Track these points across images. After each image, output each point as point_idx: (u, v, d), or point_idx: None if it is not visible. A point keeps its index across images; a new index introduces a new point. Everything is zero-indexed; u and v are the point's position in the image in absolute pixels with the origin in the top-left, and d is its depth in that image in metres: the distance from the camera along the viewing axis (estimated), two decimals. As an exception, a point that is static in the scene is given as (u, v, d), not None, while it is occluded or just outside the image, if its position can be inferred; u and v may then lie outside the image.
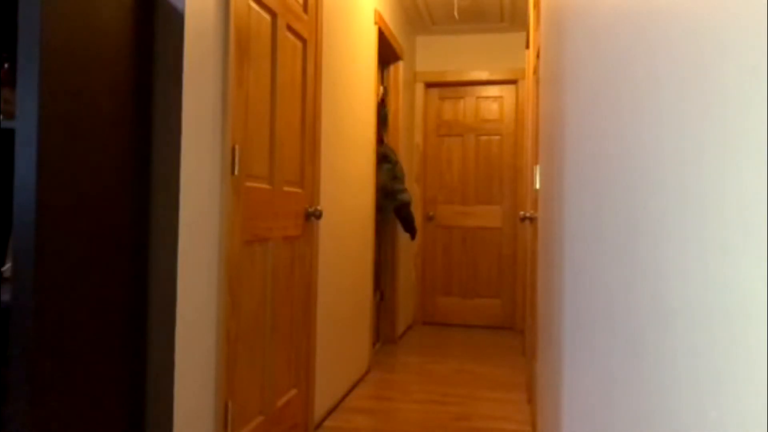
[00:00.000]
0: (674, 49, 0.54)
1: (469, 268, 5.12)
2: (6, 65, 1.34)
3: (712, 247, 0.44)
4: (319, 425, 2.70)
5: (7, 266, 1.41)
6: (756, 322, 0.36)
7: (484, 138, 5.14)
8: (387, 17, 4.06)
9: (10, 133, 1.31)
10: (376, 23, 3.70)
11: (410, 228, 4.30)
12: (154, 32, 1.54)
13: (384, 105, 4.38)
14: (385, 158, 4.19)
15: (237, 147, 1.83)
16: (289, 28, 2.25)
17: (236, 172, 1.83)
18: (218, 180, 1.75)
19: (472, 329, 5.02)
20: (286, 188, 2.26)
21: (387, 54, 4.28)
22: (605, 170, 0.88)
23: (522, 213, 3.10)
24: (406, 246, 4.85)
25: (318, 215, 2.48)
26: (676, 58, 0.54)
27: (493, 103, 5.13)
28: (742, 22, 0.39)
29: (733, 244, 0.40)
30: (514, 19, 4.76)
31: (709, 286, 0.44)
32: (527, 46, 3.67)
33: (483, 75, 5.05)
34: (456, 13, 4.56)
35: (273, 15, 2.10)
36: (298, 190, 2.39)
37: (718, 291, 0.43)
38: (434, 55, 5.16)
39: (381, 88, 4.36)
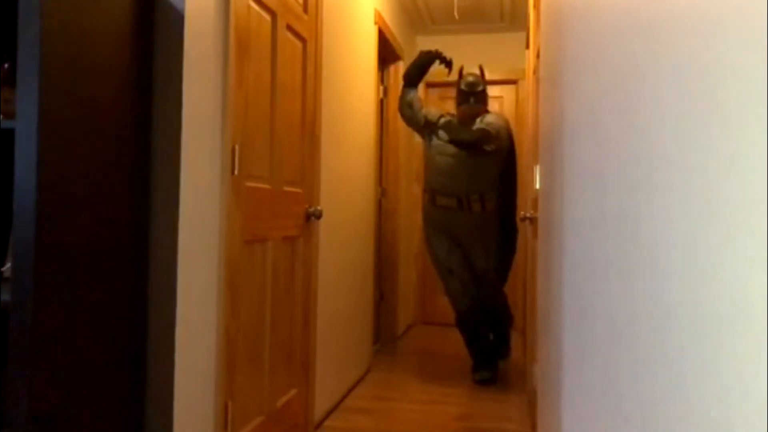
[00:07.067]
0: (676, 48, 0.54)
1: (469, 268, 5.11)
2: (6, 65, 1.34)
3: (714, 247, 0.44)
4: (319, 425, 2.69)
5: (7, 266, 1.41)
6: (756, 322, 0.36)
7: (484, 138, 5.13)
8: (387, 17, 4.06)
9: (10, 133, 1.31)
10: (376, 23, 3.70)
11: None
12: (154, 32, 1.54)
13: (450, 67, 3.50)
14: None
15: (237, 147, 1.83)
16: (289, 28, 2.25)
17: (236, 172, 1.83)
18: (218, 180, 1.75)
19: (472, 329, 5.01)
20: (286, 188, 2.26)
21: (387, 54, 4.28)
22: (606, 170, 0.88)
23: (522, 213, 3.09)
24: (406, 246, 4.85)
25: (318, 215, 2.48)
26: (678, 57, 0.54)
27: (493, 103, 5.13)
28: (744, 20, 0.39)
29: (734, 244, 0.40)
30: (514, 19, 4.76)
31: (709, 286, 0.44)
32: (527, 46, 3.67)
33: (483, 75, 5.05)
34: (456, 13, 4.56)
35: (273, 15, 2.10)
36: (298, 190, 2.39)
37: (718, 291, 0.43)
38: (434, 55, 5.16)
39: (382, 88, 4.35)
